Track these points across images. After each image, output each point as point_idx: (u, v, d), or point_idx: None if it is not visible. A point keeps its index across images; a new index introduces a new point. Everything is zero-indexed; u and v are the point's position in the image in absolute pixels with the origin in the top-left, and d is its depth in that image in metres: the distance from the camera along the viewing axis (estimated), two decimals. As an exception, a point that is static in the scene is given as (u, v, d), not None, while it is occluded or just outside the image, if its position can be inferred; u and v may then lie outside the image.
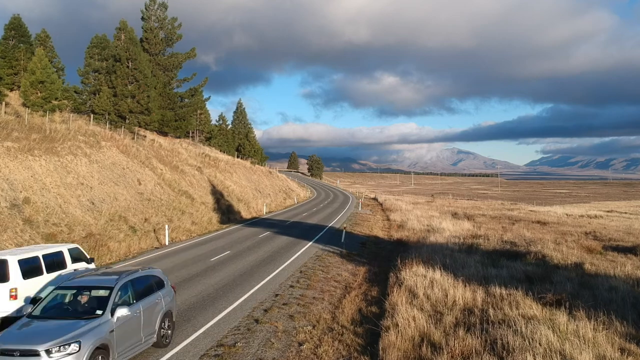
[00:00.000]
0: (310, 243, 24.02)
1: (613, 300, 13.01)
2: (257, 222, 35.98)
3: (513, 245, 23.00)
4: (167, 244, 25.07)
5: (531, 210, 51.20)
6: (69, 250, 13.34)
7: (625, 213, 53.38)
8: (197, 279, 15.70)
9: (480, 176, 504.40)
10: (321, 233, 28.42)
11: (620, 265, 18.60)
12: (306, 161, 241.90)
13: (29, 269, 11.67)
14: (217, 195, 42.74)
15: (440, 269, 15.67)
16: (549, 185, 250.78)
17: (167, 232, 25.47)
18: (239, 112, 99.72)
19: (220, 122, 72.26)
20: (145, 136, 43.08)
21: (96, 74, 39.94)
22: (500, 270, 16.55)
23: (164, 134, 58.25)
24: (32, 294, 11.33)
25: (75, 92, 39.75)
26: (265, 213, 45.14)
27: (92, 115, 36.40)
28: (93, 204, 25.58)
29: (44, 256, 12.32)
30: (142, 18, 56.88)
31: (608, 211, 55.80)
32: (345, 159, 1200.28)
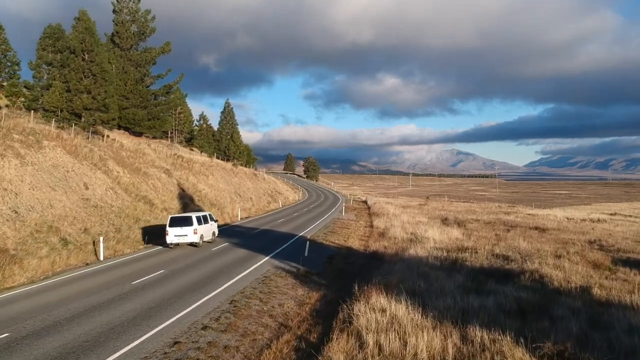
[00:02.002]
0: (267, 258, 20.37)
1: (637, 350, 9.40)
2: (222, 231, 32.34)
3: (505, 260, 19.36)
4: (101, 259, 21.46)
5: (529, 214, 47.58)
6: (209, 215, 27.20)
7: (630, 216, 49.75)
8: (89, 314, 12.07)
9: (479, 177, 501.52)
10: (286, 244, 24.77)
11: (636, 288, 14.99)
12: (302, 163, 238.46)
13: (199, 221, 25.00)
14: (186, 200, 39.10)
15: (407, 299, 12.05)
16: (548, 186, 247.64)
17: (101, 245, 21.83)
18: (226, 113, 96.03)
19: (201, 121, 68.55)
20: (107, 136, 39.45)
21: (49, 67, 36.31)
22: (485, 299, 12.90)
23: (138, 134, 54.68)
24: (202, 233, 24.85)
25: (25, 87, 36.12)
26: (240, 219, 41.48)
27: (39, 113, 32.78)
28: (16, 212, 21.92)
29: (202, 215, 26.00)
30: (114, 11, 53.43)
31: (611, 214, 52.19)
32: (345, 160, 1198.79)
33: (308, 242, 21.53)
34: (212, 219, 27.02)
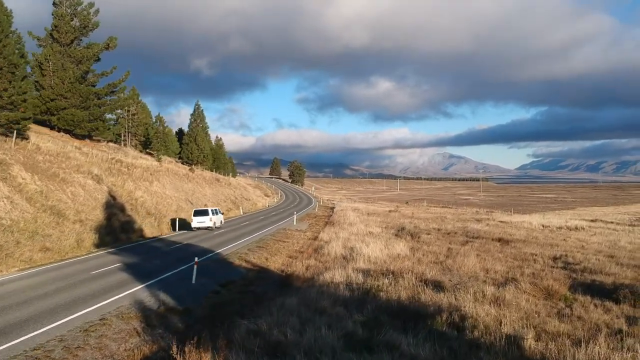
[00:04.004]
0: (138, 287, 16.23)
1: None
2: (139, 245, 28.26)
3: (435, 287, 15.34)
4: (-60, 287, 17.20)
5: (501, 221, 43.75)
6: (218, 209, 40.26)
7: (612, 223, 46.10)
8: None
9: (470, 180, 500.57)
10: (189, 265, 20.61)
11: (589, 333, 11.07)
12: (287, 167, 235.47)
13: (213, 212, 37.19)
14: (114, 210, 34.84)
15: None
16: (537, 189, 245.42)
17: (-58, 270, 17.59)
18: (196, 115, 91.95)
19: (158, 123, 64.22)
20: (26, 138, 35.15)
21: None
22: (359, 365, 8.85)
23: (82, 136, 50.43)
24: (214, 220, 36.96)
25: None
26: (178, 229, 37.34)
27: None
28: None
29: (214, 209, 38.52)
30: (54, 3, 49.19)
31: (592, 220, 48.50)
32: (338, 164, 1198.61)
33: (196, 267, 17.39)
34: (220, 212, 39.98)
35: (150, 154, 62.81)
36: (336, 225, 37.07)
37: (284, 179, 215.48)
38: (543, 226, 41.50)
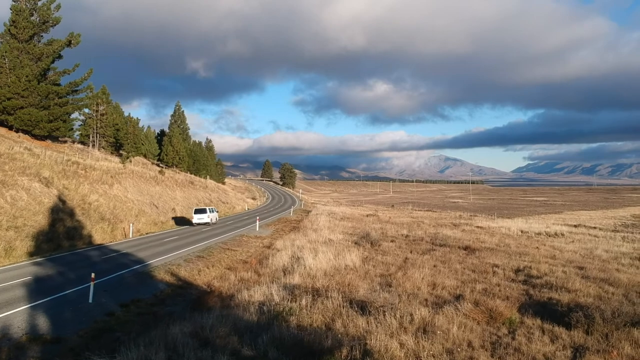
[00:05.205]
0: (23, 307, 14.04)
1: None
2: (73, 254, 26.04)
3: (361, 309, 13.24)
4: None
5: (479, 227, 41.74)
6: (214, 208, 49.08)
7: (594, 228, 44.14)
8: None
9: (465, 183, 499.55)
10: (101, 280, 18.39)
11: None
12: (278, 169, 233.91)
13: (210, 211, 45.14)
14: (61, 215, 32.62)
15: None
16: (531, 192, 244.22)
17: None
18: (177, 116, 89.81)
19: (128, 124, 61.85)
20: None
21: None
22: None
23: (42, 137, 48.18)
24: (211, 217, 44.36)
25: None
26: (132, 235, 35.17)
27: None
28: None
29: (211, 208, 47.18)
30: (13, -3, 46.99)
31: (575, 226, 46.53)
32: (334, 167, 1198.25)
33: (92, 284, 15.20)
34: (215, 210, 47.86)
35: (119, 156, 60.58)
36: (300, 231, 34.98)
37: (274, 182, 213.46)
38: (522, 232, 39.57)
